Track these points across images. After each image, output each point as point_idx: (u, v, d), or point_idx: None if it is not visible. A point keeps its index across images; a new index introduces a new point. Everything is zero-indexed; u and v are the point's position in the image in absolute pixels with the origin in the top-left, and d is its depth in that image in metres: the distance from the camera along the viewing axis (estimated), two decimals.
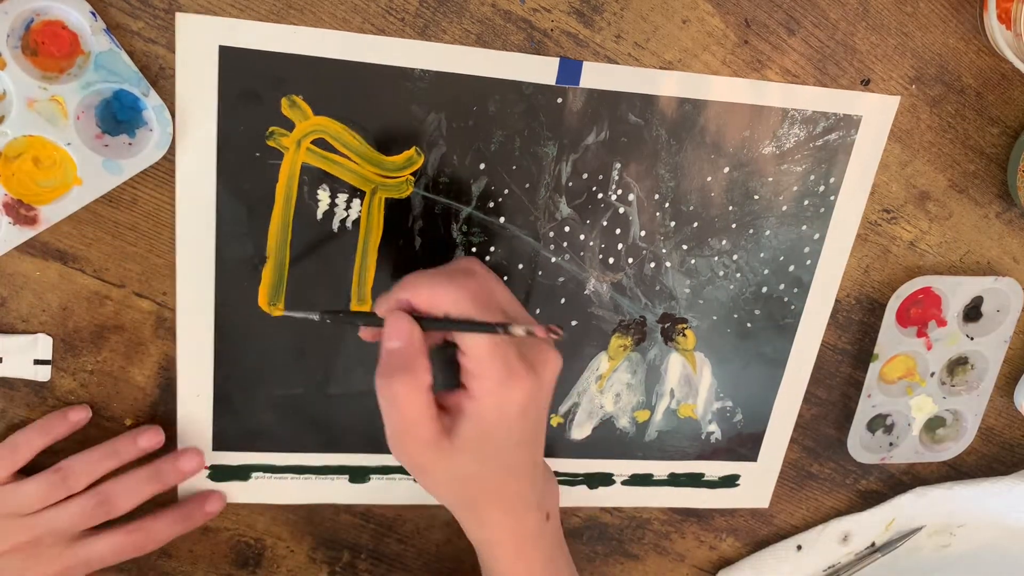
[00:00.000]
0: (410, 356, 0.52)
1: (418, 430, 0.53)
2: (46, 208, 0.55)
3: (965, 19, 0.63)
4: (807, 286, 0.69)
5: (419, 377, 0.52)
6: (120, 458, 0.62)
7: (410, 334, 0.53)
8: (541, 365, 0.54)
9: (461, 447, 0.54)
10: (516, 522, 0.59)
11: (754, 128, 0.63)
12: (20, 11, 0.51)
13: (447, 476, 0.56)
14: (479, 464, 0.55)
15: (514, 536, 0.60)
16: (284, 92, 0.56)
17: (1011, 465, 0.84)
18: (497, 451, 0.55)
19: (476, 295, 0.53)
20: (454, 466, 0.55)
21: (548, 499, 0.62)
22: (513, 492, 0.58)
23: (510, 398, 0.53)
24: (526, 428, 0.55)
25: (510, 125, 0.60)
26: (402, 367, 0.52)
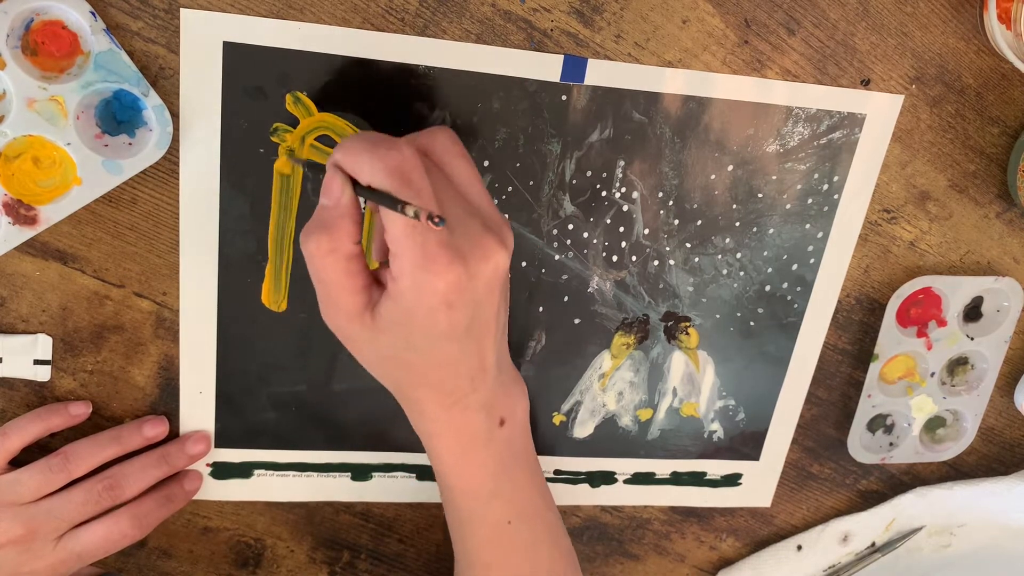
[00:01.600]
0: (334, 216, 0.49)
1: (338, 298, 0.51)
2: (46, 208, 0.55)
3: (965, 19, 0.64)
4: (810, 285, 0.69)
5: (337, 240, 0.49)
6: (123, 446, 0.62)
7: (338, 194, 0.49)
8: (477, 257, 0.49)
9: (383, 326, 0.51)
10: (456, 419, 0.56)
11: (758, 126, 0.63)
12: (20, 11, 0.51)
13: (372, 354, 0.54)
14: (403, 347, 0.52)
15: (456, 433, 0.57)
16: (288, 88, 0.56)
17: (1011, 465, 0.84)
18: (422, 339, 0.51)
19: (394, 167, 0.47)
20: (377, 344, 0.52)
21: (504, 404, 0.58)
22: (449, 386, 0.54)
23: (429, 285, 0.48)
24: (455, 321, 0.50)
25: (514, 122, 0.60)
26: (322, 226, 0.49)
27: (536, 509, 0.62)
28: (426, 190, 0.48)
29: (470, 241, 0.50)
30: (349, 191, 0.49)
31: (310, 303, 0.62)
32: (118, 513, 0.61)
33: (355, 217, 0.50)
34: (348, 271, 0.50)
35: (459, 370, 0.54)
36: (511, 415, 0.59)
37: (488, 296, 0.52)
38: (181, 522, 0.68)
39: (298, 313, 0.62)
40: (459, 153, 0.52)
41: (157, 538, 0.68)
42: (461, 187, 0.52)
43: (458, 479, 0.59)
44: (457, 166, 0.52)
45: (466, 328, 0.51)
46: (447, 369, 0.53)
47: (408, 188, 0.47)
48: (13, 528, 0.58)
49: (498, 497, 0.60)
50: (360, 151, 0.48)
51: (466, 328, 0.51)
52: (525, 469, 0.61)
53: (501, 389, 0.58)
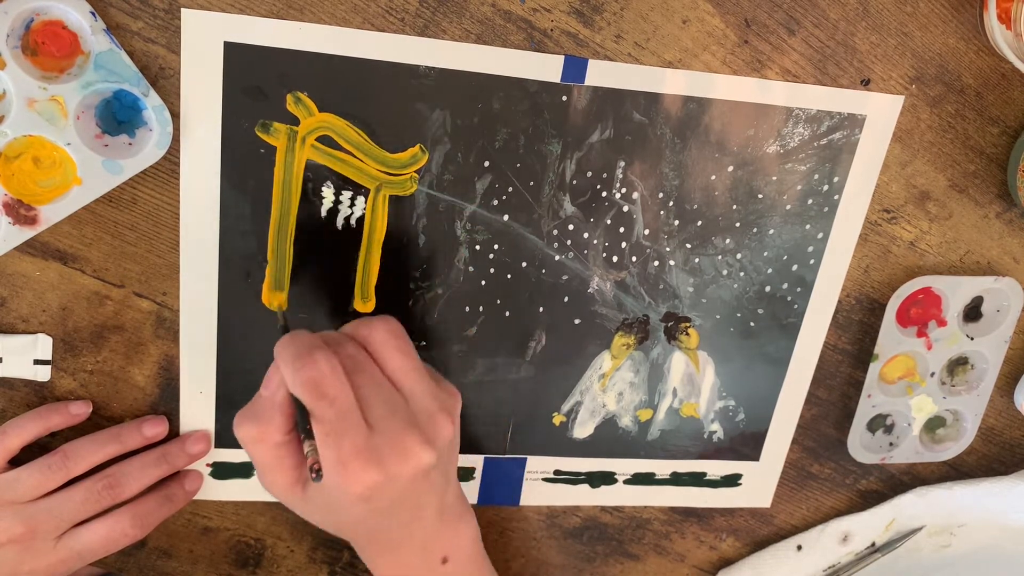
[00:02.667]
0: (266, 408, 0.52)
1: (269, 476, 0.54)
2: (46, 208, 0.55)
3: (965, 19, 0.64)
4: (810, 285, 0.69)
5: (265, 430, 0.52)
6: (123, 445, 0.62)
7: (274, 389, 0.53)
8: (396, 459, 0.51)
9: (310, 502, 0.54)
10: (392, 563, 0.58)
11: (759, 127, 0.63)
12: (20, 11, 0.51)
13: (308, 516, 0.56)
14: (332, 520, 0.56)
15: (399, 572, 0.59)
16: (289, 88, 0.56)
17: (1011, 465, 0.84)
18: (347, 518, 0.55)
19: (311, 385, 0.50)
20: (309, 511, 0.56)
21: (445, 542, 0.59)
22: (381, 542, 0.57)
23: (345, 487, 0.51)
24: (376, 509, 0.53)
25: (514, 123, 0.60)
26: (253, 416, 0.53)
27: None
28: (341, 398, 0.50)
29: (390, 442, 0.51)
30: (284, 391, 0.52)
31: (310, 303, 0.62)
32: (119, 512, 0.61)
33: (287, 411, 0.53)
34: (277, 456, 0.53)
35: (389, 535, 0.56)
36: (455, 551, 0.60)
37: (412, 489, 0.53)
38: (181, 522, 0.68)
39: (298, 313, 0.62)
40: (395, 346, 0.54)
41: (157, 538, 0.68)
42: (394, 379, 0.54)
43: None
44: (391, 359, 0.54)
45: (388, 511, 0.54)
46: (377, 534, 0.56)
47: (322, 400, 0.50)
48: (13, 527, 0.58)
49: None
50: (285, 359, 0.51)
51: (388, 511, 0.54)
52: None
53: (442, 529, 0.59)
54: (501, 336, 0.66)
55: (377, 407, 0.52)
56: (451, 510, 0.59)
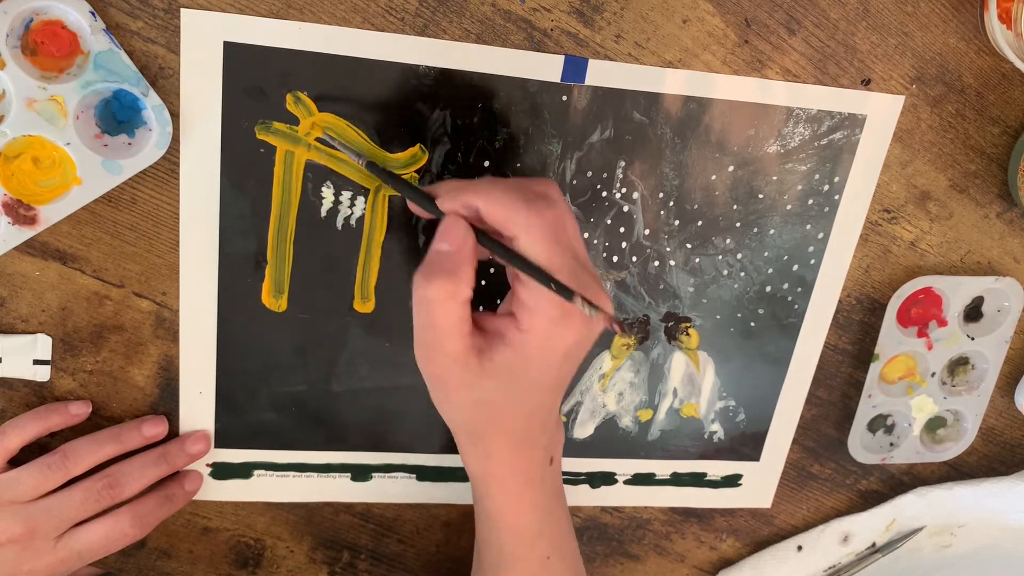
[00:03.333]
0: (457, 263, 0.49)
1: (447, 342, 0.51)
2: (45, 208, 0.55)
3: (966, 19, 0.63)
4: (811, 285, 0.69)
5: (460, 287, 0.49)
6: (123, 444, 0.62)
7: (463, 242, 0.50)
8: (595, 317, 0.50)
9: (491, 372, 0.51)
10: (520, 460, 0.57)
11: (759, 127, 0.63)
12: (19, 11, 0.51)
13: (466, 397, 0.53)
14: (503, 394, 0.53)
15: (515, 474, 0.58)
16: (289, 88, 0.56)
17: (1012, 465, 0.84)
18: (527, 387, 0.53)
19: (550, 228, 0.49)
20: (476, 389, 0.52)
21: (555, 442, 0.60)
22: (524, 429, 0.56)
23: (560, 339, 0.50)
24: (563, 372, 0.53)
25: (515, 122, 0.60)
26: (444, 272, 0.49)
27: (569, 545, 0.64)
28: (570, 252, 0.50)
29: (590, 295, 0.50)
30: (472, 240, 0.50)
31: (310, 303, 0.62)
32: (119, 512, 0.61)
33: (474, 263, 0.50)
34: (462, 316, 0.50)
35: (542, 417, 0.56)
36: (557, 453, 0.61)
37: (586, 350, 0.54)
38: (181, 522, 0.68)
39: (298, 313, 0.62)
40: (567, 209, 0.52)
41: (157, 538, 0.68)
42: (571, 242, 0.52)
43: (511, 517, 0.60)
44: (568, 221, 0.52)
45: (564, 380, 0.54)
46: (534, 415, 0.55)
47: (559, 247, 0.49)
48: (13, 527, 0.58)
49: (542, 535, 0.61)
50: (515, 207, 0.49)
51: (564, 380, 0.54)
52: (562, 504, 0.63)
53: (556, 428, 0.60)
54: None
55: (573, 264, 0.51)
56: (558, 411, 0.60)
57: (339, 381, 0.65)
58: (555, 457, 0.60)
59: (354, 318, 0.63)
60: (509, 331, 0.51)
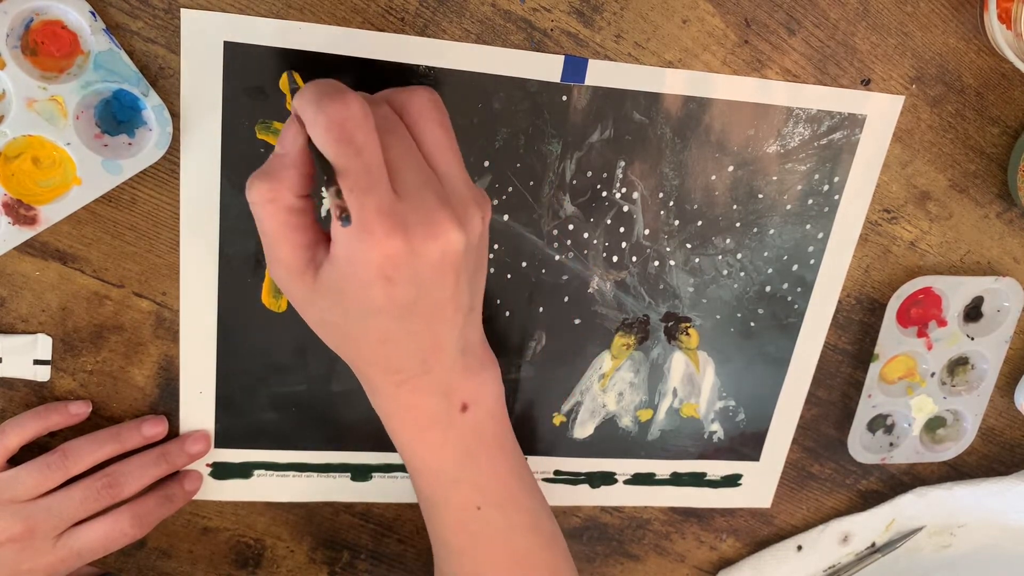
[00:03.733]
0: (279, 166, 0.47)
1: (278, 250, 0.48)
2: (45, 208, 0.55)
3: (965, 19, 0.63)
4: (810, 285, 0.69)
5: (277, 189, 0.47)
6: (122, 444, 0.62)
7: (290, 143, 0.47)
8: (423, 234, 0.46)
9: (321, 289, 0.48)
10: (407, 398, 0.53)
11: (759, 127, 0.63)
12: (19, 10, 0.51)
13: (313, 316, 0.51)
14: (340, 316, 0.49)
15: (409, 414, 0.54)
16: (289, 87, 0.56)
17: (1011, 465, 0.84)
18: (358, 311, 0.48)
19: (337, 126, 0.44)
20: (317, 307, 0.50)
21: (466, 388, 0.54)
22: (394, 364, 0.51)
23: (363, 255, 0.45)
24: (394, 296, 0.47)
25: (514, 122, 0.60)
26: (265, 173, 0.47)
27: (511, 495, 0.59)
28: (370, 149, 0.45)
29: (420, 215, 0.46)
30: (302, 141, 0.47)
31: None
32: (118, 511, 0.61)
33: (303, 169, 0.47)
34: (289, 224, 0.47)
35: (404, 349, 0.51)
36: (476, 400, 0.55)
37: (438, 277, 0.48)
38: (181, 522, 0.68)
39: (298, 313, 0.62)
40: (434, 118, 0.49)
41: (157, 538, 0.68)
42: (429, 155, 0.48)
43: (419, 461, 0.56)
44: (429, 131, 0.48)
45: (408, 306, 0.48)
46: (389, 346, 0.50)
47: (348, 146, 0.44)
48: (12, 526, 0.58)
49: (463, 482, 0.57)
50: (308, 101, 0.45)
51: (408, 306, 0.48)
52: (497, 455, 0.58)
53: (465, 373, 0.54)
54: (501, 336, 0.66)
55: (407, 173, 0.46)
56: (474, 351, 0.55)
57: (339, 381, 0.65)
58: (471, 404, 0.55)
59: None
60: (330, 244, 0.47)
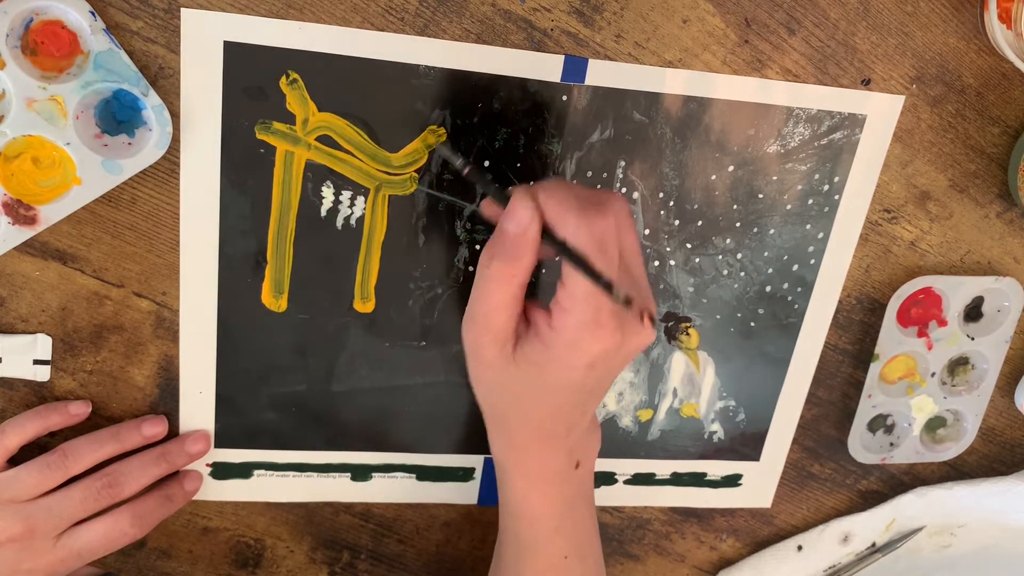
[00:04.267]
0: (519, 245, 0.51)
1: (492, 320, 0.52)
2: (45, 208, 0.55)
3: (966, 19, 0.63)
4: (811, 285, 0.69)
5: (516, 269, 0.51)
6: (122, 444, 0.62)
7: (528, 225, 0.50)
8: (632, 331, 0.52)
9: (518, 361, 0.53)
10: (543, 455, 0.58)
11: (759, 127, 0.63)
12: (19, 10, 0.51)
13: (495, 378, 0.55)
14: (527, 384, 0.54)
15: (537, 467, 0.59)
16: (289, 87, 0.56)
17: (1012, 465, 0.84)
18: (551, 384, 0.53)
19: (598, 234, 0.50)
20: (505, 373, 0.54)
21: (585, 448, 0.60)
22: (549, 428, 0.57)
23: (585, 346, 0.51)
24: (588, 378, 0.53)
25: (515, 122, 0.60)
26: (509, 253, 0.51)
27: (591, 548, 0.64)
28: (615, 261, 0.51)
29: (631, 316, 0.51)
30: (537, 225, 0.51)
31: (310, 303, 0.62)
32: (119, 511, 0.61)
33: (537, 250, 0.51)
34: (515, 297, 0.52)
35: (566, 418, 0.56)
36: (586, 459, 0.61)
37: (623, 364, 0.54)
38: (181, 522, 0.68)
39: (298, 313, 0.62)
40: (630, 226, 0.53)
41: (157, 538, 0.68)
42: (625, 258, 0.53)
43: (527, 509, 0.60)
44: (627, 238, 0.53)
45: (593, 387, 0.55)
46: (557, 414, 0.56)
47: (603, 257, 0.50)
48: (12, 526, 0.58)
49: (560, 533, 0.61)
50: (570, 208, 0.50)
51: (593, 387, 0.55)
52: (587, 509, 0.63)
53: (586, 435, 0.60)
54: None
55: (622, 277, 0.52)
56: (594, 418, 0.61)
57: (339, 381, 0.65)
58: (583, 462, 0.61)
59: (354, 318, 0.63)
60: (542, 326, 0.52)
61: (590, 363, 0.52)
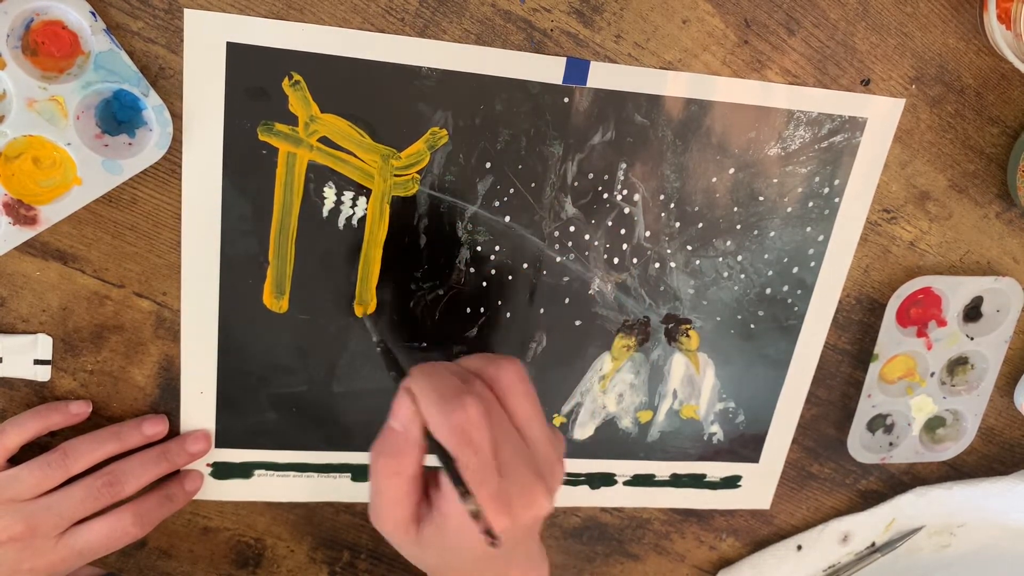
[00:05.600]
0: (403, 443, 0.52)
1: (390, 511, 0.53)
2: (46, 208, 0.55)
3: (965, 19, 0.63)
4: (811, 288, 0.69)
5: (404, 464, 0.52)
6: (123, 443, 0.62)
7: (408, 422, 0.52)
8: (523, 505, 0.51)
9: (422, 542, 0.53)
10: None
11: (760, 129, 0.63)
12: (20, 11, 0.51)
13: (411, 556, 0.56)
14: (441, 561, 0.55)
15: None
16: (292, 82, 0.56)
17: (1011, 465, 0.84)
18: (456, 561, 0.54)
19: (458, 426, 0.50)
20: (418, 553, 0.55)
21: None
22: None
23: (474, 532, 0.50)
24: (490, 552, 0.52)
25: (516, 124, 0.60)
26: (392, 451, 0.52)
27: None
28: (484, 449, 0.50)
29: (519, 488, 0.51)
30: (418, 425, 0.52)
31: (311, 304, 0.62)
32: (119, 510, 0.61)
33: (422, 446, 0.52)
34: (407, 492, 0.52)
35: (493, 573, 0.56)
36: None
37: (526, 534, 0.55)
38: (181, 522, 0.68)
39: (299, 314, 0.62)
40: (523, 392, 0.53)
41: (157, 538, 0.68)
42: (520, 425, 0.53)
43: None
44: (519, 405, 0.53)
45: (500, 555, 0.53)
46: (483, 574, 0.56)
47: (468, 447, 0.50)
48: (13, 525, 0.58)
49: None
50: (430, 402, 0.51)
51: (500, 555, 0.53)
52: None
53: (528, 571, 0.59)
54: (502, 337, 0.66)
55: (507, 453, 0.52)
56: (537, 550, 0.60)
57: (340, 382, 0.65)
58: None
59: (355, 319, 0.63)
60: (437, 507, 0.53)
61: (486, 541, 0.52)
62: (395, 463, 0.52)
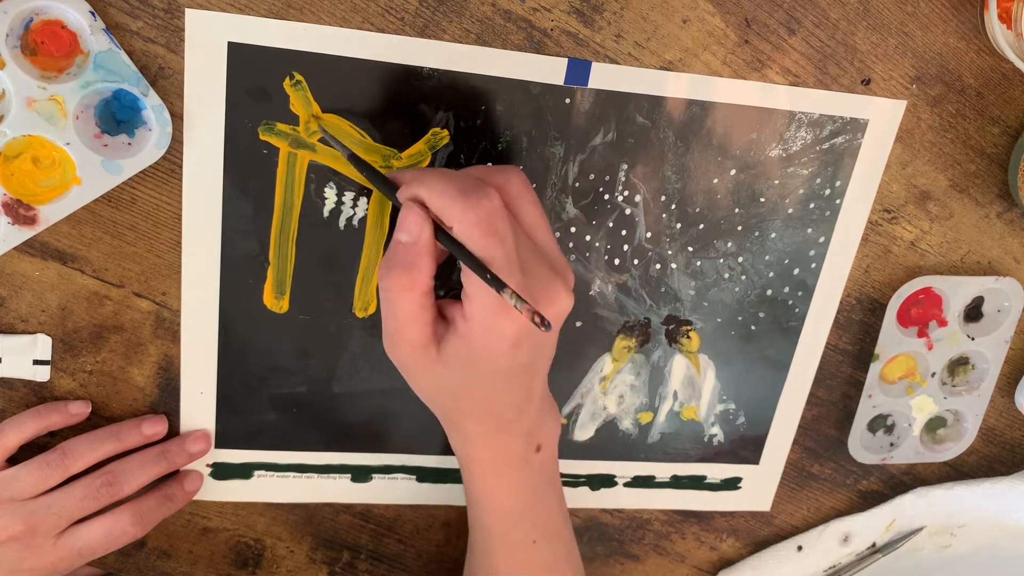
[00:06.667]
0: (414, 254, 0.51)
1: (407, 331, 0.52)
2: (45, 208, 0.55)
3: (966, 19, 0.63)
4: (811, 289, 0.69)
5: (416, 277, 0.51)
6: (122, 442, 0.62)
7: (420, 232, 0.51)
8: (546, 302, 0.52)
9: (445, 360, 0.53)
10: (498, 443, 0.58)
11: (761, 131, 0.63)
12: (19, 10, 0.51)
13: (430, 383, 0.55)
14: (462, 380, 0.54)
15: (494, 457, 0.59)
16: (293, 88, 0.56)
17: (1012, 465, 0.84)
18: (482, 374, 0.53)
19: (483, 219, 0.49)
20: (437, 376, 0.54)
21: (542, 431, 0.60)
22: (496, 415, 0.57)
23: (500, 329, 0.50)
24: (516, 359, 0.52)
25: (518, 125, 0.60)
26: (402, 264, 0.51)
27: (559, 530, 0.64)
28: (508, 239, 0.50)
29: (540, 286, 0.51)
30: (429, 230, 0.51)
31: (311, 305, 0.62)
32: (119, 510, 0.61)
33: (434, 254, 0.51)
34: (422, 306, 0.52)
35: (510, 400, 0.56)
36: (546, 441, 0.61)
37: (551, 338, 0.55)
38: (181, 522, 0.68)
39: (299, 315, 0.62)
40: (530, 198, 0.53)
41: (157, 538, 0.68)
42: (529, 229, 0.53)
43: (491, 500, 0.61)
44: (527, 209, 0.53)
45: (525, 366, 0.54)
46: (499, 400, 0.56)
47: (494, 237, 0.49)
48: (13, 524, 0.58)
49: (526, 519, 0.61)
50: (451, 197, 0.50)
51: (525, 366, 0.54)
52: (553, 492, 0.63)
53: (541, 416, 0.60)
54: None
55: (523, 251, 0.51)
56: (547, 398, 0.61)
57: (340, 382, 0.65)
58: (543, 445, 0.61)
59: (355, 320, 0.63)
60: (457, 319, 0.52)
61: (512, 343, 0.51)
62: (408, 277, 0.51)
